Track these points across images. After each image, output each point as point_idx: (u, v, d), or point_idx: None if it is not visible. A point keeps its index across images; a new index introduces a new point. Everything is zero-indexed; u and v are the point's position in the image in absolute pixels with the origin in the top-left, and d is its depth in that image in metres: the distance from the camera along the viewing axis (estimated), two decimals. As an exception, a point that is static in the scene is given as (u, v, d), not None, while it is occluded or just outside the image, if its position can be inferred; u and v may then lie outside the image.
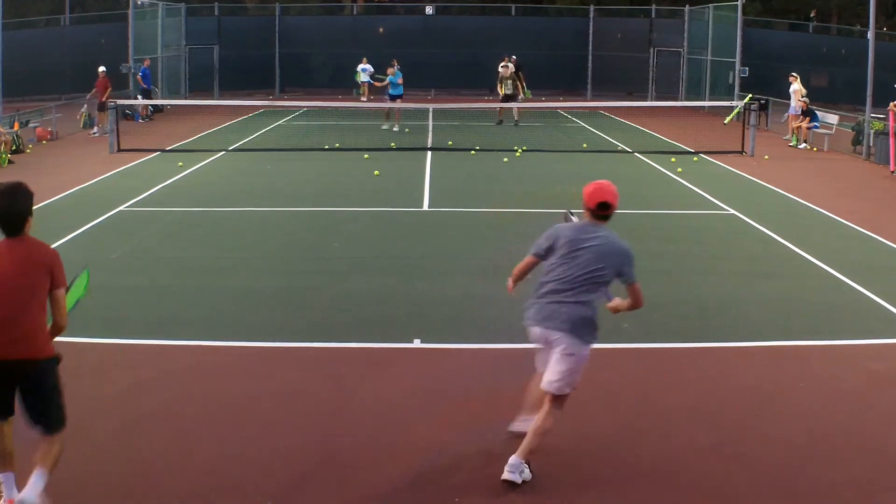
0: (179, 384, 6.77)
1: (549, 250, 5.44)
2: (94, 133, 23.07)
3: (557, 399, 5.25)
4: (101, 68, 23.90)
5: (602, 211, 5.40)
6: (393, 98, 25.04)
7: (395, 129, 23.71)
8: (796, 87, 22.94)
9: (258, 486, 5.22)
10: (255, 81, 36.18)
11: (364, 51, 33.99)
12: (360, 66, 32.76)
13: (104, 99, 23.25)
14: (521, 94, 26.01)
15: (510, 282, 5.79)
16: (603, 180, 5.60)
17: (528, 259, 5.58)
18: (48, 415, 4.84)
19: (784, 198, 14.98)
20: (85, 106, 24.65)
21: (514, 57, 28.77)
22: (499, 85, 26.13)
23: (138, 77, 27.24)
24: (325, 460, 5.57)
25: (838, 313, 8.74)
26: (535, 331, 5.39)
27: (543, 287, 5.41)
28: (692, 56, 33.57)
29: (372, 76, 31.74)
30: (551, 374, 5.25)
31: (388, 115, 24.53)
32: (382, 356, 7.44)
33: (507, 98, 25.67)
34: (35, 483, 4.76)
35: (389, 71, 25.82)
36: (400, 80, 24.99)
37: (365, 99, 32.79)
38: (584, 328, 5.27)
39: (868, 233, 12.16)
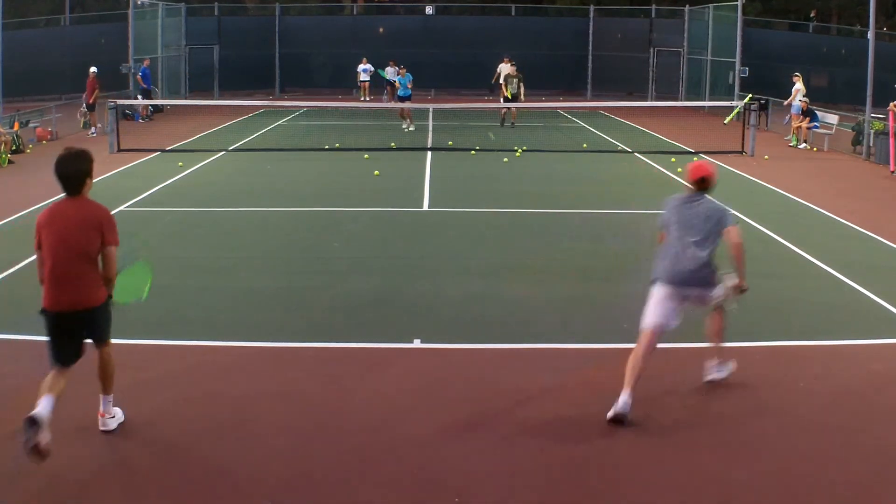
0: (179, 384, 6.77)
1: (668, 221, 6.70)
2: (93, 133, 23.08)
3: (720, 309, 6.79)
4: (92, 69, 23.87)
5: (701, 184, 6.64)
6: (402, 99, 25.08)
7: (411, 128, 23.85)
8: (799, 86, 22.96)
9: (258, 486, 5.22)
10: (255, 81, 36.19)
11: (364, 51, 34.02)
12: (361, 67, 32.78)
13: (92, 100, 23.30)
14: (521, 96, 25.87)
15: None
16: (700, 161, 6.99)
17: (660, 235, 6.83)
18: (101, 335, 5.71)
19: (784, 198, 14.98)
20: (84, 106, 24.66)
21: (506, 57, 28.84)
22: (503, 86, 25.82)
23: (138, 77, 27.25)
24: (325, 460, 5.57)
25: (838, 313, 8.73)
26: (666, 287, 6.47)
27: (669, 249, 6.60)
28: (692, 56, 33.58)
29: (372, 75, 31.82)
30: (706, 303, 6.67)
31: (402, 115, 24.56)
32: (382, 356, 7.44)
33: (512, 99, 25.35)
34: (104, 408, 5.86)
35: (389, 71, 25.85)
36: (409, 84, 25.03)
37: (364, 99, 32.80)
38: (708, 276, 6.52)
39: (868, 233, 12.16)
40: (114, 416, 5.91)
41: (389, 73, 29.44)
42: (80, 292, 5.42)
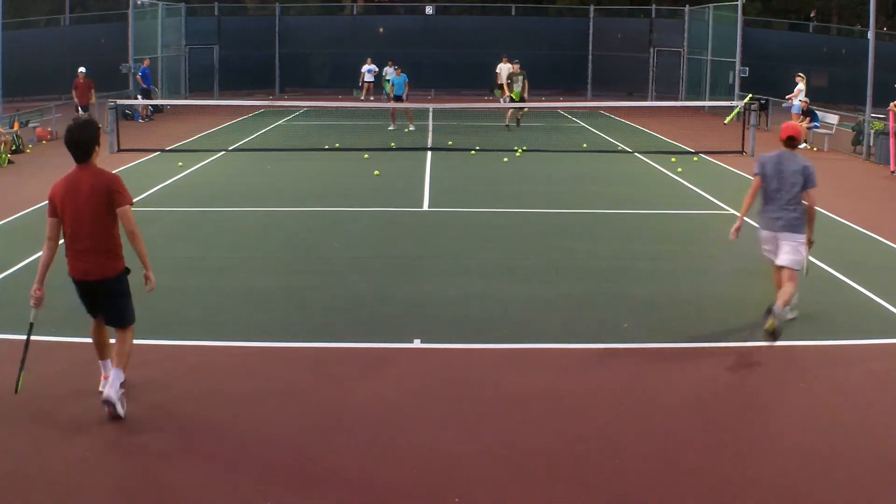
0: (179, 384, 6.77)
1: (767, 175, 7.79)
2: None
3: (793, 272, 7.67)
4: (81, 69, 23.86)
5: (790, 142, 7.81)
6: (398, 99, 25.08)
7: (411, 128, 23.85)
8: (802, 86, 22.95)
9: (258, 486, 5.22)
10: (255, 81, 36.20)
11: (364, 51, 34.04)
12: (366, 67, 32.80)
13: (86, 102, 23.25)
14: (525, 94, 25.64)
15: (738, 222, 8.10)
16: (788, 122, 8.39)
17: (754, 182, 7.92)
18: (120, 314, 6.04)
19: (784, 198, 14.97)
20: (79, 108, 24.64)
21: (505, 57, 28.88)
22: (507, 86, 25.52)
23: (138, 77, 27.25)
24: (325, 460, 5.57)
25: (838, 313, 8.73)
26: (765, 233, 7.86)
27: (766, 202, 7.82)
28: (692, 56, 33.58)
29: (376, 76, 31.87)
30: (785, 257, 7.68)
31: (394, 116, 24.56)
32: (382, 356, 7.44)
33: (517, 99, 24.98)
34: (114, 380, 5.88)
35: (387, 71, 25.86)
36: (406, 84, 24.97)
37: (363, 98, 32.81)
38: (797, 225, 7.70)
39: (868, 233, 12.16)
40: (120, 391, 5.97)
41: (388, 72, 29.51)
42: (94, 263, 5.84)
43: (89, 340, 6.43)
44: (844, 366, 7.37)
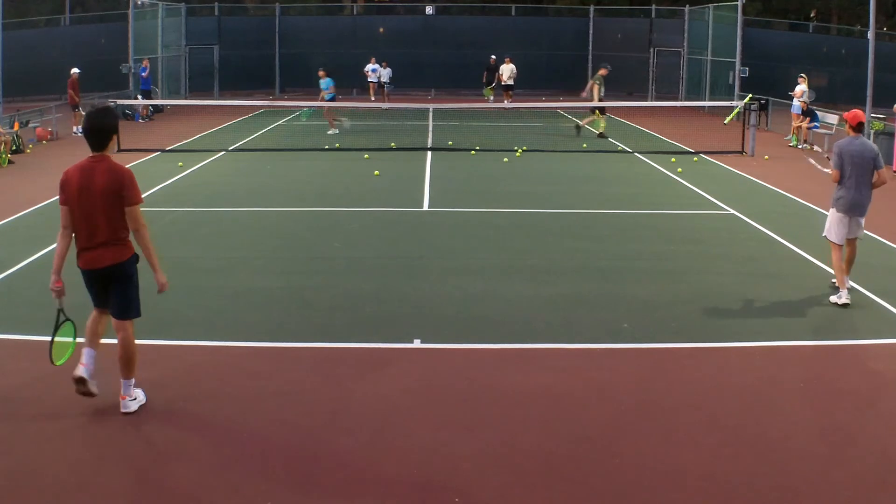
0: (179, 384, 6.77)
1: (842, 162, 8.85)
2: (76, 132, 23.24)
3: (854, 242, 9.19)
4: (74, 70, 23.86)
5: (860, 128, 8.88)
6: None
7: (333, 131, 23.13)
8: (804, 87, 22.95)
9: (258, 486, 5.22)
10: (255, 81, 36.20)
11: (364, 51, 34.04)
12: (370, 67, 32.80)
13: (74, 101, 23.30)
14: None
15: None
16: (857, 109, 9.23)
17: (834, 173, 8.99)
18: (128, 302, 6.03)
19: (784, 198, 14.98)
20: (80, 107, 24.66)
21: (493, 57, 28.86)
22: (595, 88, 22.89)
23: (144, 75, 27.16)
24: (325, 460, 5.57)
25: (838, 313, 8.73)
26: (843, 215, 9.02)
27: (845, 184, 8.90)
28: (692, 56, 33.58)
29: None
30: (857, 232, 9.14)
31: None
32: (382, 356, 7.44)
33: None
34: (125, 391, 6.05)
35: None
36: (332, 89, 23.31)
37: (374, 98, 32.80)
38: (867, 204, 9.06)
39: (868, 233, 12.13)
40: (135, 399, 6.13)
41: (372, 75, 29.55)
42: (107, 252, 5.87)
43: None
44: (844, 366, 7.38)
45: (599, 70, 23.04)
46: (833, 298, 8.92)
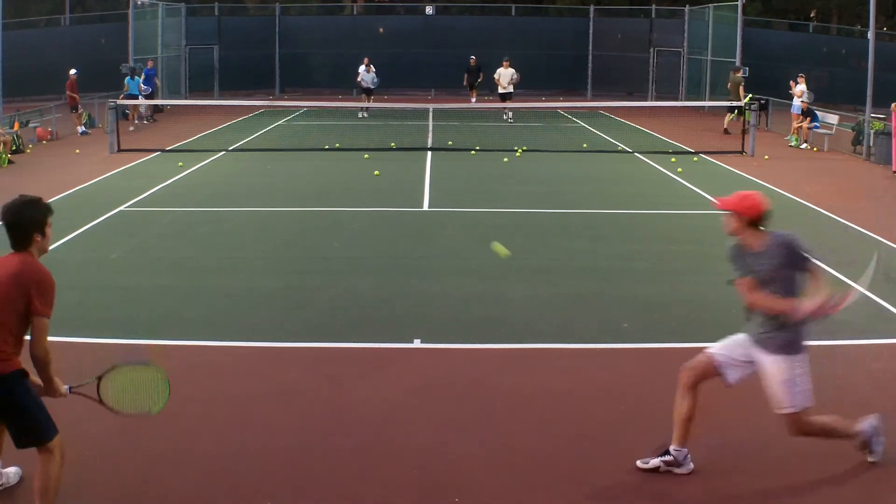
0: (179, 384, 6.72)
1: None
2: (82, 131, 23.21)
3: None
4: (72, 71, 23.84)
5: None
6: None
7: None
8: (803, 87, 22.96)
9: (258, 486, 5.22)
10: (255, 81, 36.17)
11: (364, 51, 33.97)
12: (361, 68, 32.71)
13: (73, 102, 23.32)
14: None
15: None
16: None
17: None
18: (22, 427, 4.65)
19: (784, 198, 14.97)
20: (80, 107, 24.65)
21: (473, 58, 28.75)
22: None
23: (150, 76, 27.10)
24: (325, 460, 5.57)
25: (838, 313, 8.71)
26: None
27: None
28: (692, 56, 33.56)
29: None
30: None
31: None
32: (382, 356, 7.44)
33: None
34: None
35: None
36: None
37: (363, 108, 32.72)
38: None
39: (868, 233, 12.15)
40: None
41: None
42: None
43: (86, 340, 6.41)
44: (844, 366, 7.37)
45: (737, 72, 24.69)
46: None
